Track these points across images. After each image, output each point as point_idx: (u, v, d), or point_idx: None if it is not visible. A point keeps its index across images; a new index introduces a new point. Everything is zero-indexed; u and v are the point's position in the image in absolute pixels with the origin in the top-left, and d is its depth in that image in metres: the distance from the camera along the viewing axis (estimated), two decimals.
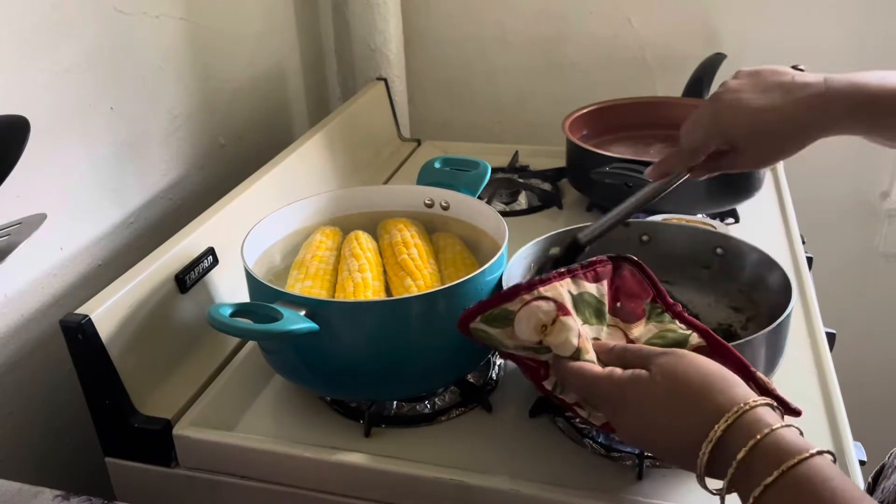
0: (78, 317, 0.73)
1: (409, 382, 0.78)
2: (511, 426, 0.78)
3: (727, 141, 0.72)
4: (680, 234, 0.86)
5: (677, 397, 0.55)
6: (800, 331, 0.90)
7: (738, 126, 0.71)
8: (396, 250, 0.86)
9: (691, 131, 0.75)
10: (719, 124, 0.72)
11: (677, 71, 1.42)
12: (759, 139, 0.70)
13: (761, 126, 0.70)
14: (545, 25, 1.51)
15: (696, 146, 0.74)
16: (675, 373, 0.56)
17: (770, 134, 0.70)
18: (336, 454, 0.74)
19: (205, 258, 0.88)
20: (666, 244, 0.87)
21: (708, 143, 0.73)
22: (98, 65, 0.95)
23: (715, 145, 0.73)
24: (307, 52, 1.50)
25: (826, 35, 1.40)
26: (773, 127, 0.69)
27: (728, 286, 0.85)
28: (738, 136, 0.71)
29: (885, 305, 1.57)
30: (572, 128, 1.24)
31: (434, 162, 0.99)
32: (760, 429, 0.50)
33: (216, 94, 1.20)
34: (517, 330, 0.65)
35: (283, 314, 0.68)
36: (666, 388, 0.55)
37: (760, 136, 0.70)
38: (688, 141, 0.75)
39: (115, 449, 0.80)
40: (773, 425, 0.50)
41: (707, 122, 0.73)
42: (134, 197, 1.03)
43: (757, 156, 0.72)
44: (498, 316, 0.66)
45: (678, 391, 0.55)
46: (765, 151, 0.72)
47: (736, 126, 0.71)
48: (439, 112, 1.65)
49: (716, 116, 0.72)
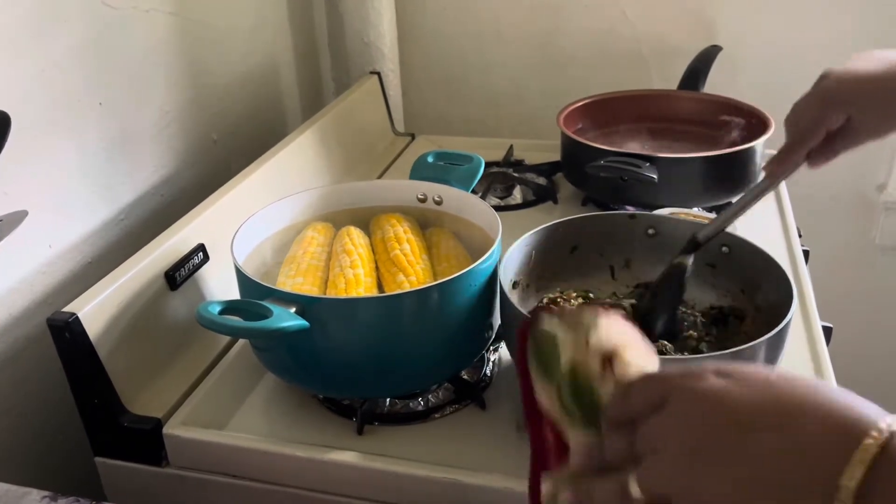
0: (65, 315, 0.73)
1: (402, 380, 0.77)
2: (505, 423, 0.78)
3: (844, 108, 0.69)
4: (686, 230, 0.85)
5: None
6: (796, 325, 0.89)
7: (853, 91, 0.69)
8: (389, 246, 0.85)
9: (802, 112, 0.72)
10: (833, 94, 0.70)
11: (673, 63, 1.41)
12: (875, 101, 0.69)
13: (875, 87, 0.68)
14: (540, 18, 1.50)
15: (811, 126, 0.71)
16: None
17: (885, 96, 0.68)
18: (328, 453, 0.73)
19: (195, 255, 0.87)
20: (672, 239, 0.86)
21: (824, 116, 0.70)
22: (87, 60, 0.94)
23: (833, 119, 0.70)
24: (300, 46, 1.49)
25: (822, 26, 1.39)
26: (887, 89, 0.68)
27: (731, 285, 0.84)
28: (853, 101, 0.69)
29: (881, 299, 1.57)
30: (567, 121, 1.23)
31: (427, 156, 0.98)
32: None
33: (208, 89, 1.19)
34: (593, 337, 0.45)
35: (274, 311, 0.68)
36: None
37: (876, 98, 0.69)
38: (801, 124, 0.72)
39: (104, 448, 0.79)
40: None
41: (819, 97, 0.71)
42: (124, 193, 1.02)
43: (875, 119, 0.70)
44: None
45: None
46: (882, 114, 0.69)
47: (850, 91, 0.69)
48: (433, 106, 1.64)
49: (827, 90, 0.70)
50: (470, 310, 0.76)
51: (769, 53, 1.43)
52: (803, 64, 1.41)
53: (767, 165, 0.76)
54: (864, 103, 0.69)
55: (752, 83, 1.43)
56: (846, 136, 0.71)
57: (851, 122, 0.70)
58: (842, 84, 0.69)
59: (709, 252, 0.85)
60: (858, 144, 0.73)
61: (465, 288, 0.75)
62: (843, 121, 0.70)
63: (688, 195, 1.11)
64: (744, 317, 0.81)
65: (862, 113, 0.69)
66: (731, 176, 1.11)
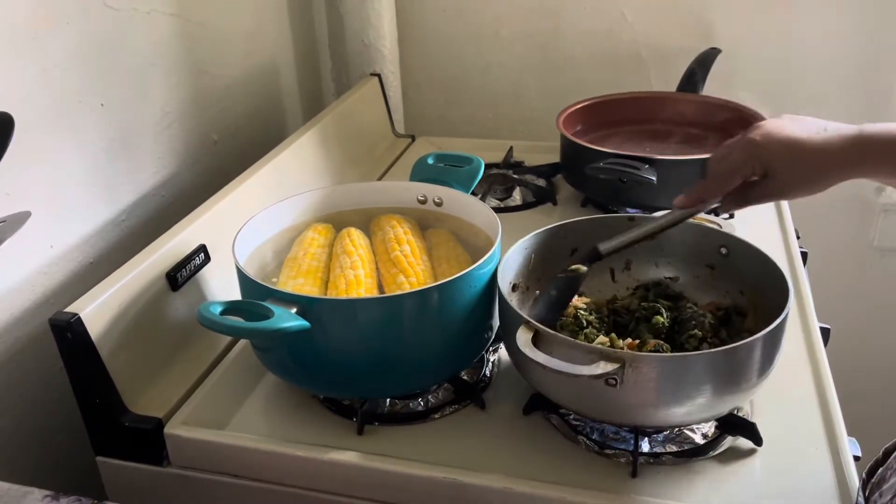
0: (67, 315, 0.73)
1: (402, 380, 0.78)
2: (505, 423, 0.78)
3: (763, 163, 0.72)
4: (686, 232, 0.86)
5: None
6: (794, 326, 0.90)
7: (776, 149, 0.71)
8: (389, 247, 0.85)
9: (726, 156, 0.75)
10: (757, 147, 0.72)
11: (672, 66, 1.41)
12: (794, 164, 0.71)
13: (798, 152, 0.71)
14: (539, 20, 1.51)
15: (729, 171, 0.74)
16: None
17: (806, 162, 0.71)
18: (329, 452, 0.74)
19: (196, 255, 0.88)
20: (672, 240, 0.87)
21: (743, 166, 0.73)
22: (88, 61, 0.94)
23: (750, 169, 0.73)
24: (300, 47, 1.49)
25: (820, 29, 1.40)
26: (808, 156, 0.71)
27: (730, 286, 0.84)
28: (774, 159, 0.72)
29: (879, 300, 1.57)
30: (566, 123, 1.24)
31: (427, 158, 0.98)
32: None
33: (208, 90, 1.19)
34: None
35: (275, 312, 0.68)
36: None
37: (796, 162, 0.71)
38: (723, 165, 0.74)
39: (105, 448, 0.79)
40: None
41: (744, 146, 0.73)
42: (125, 194, 1.02)
43: (789, 182, 0.72)
44: None
45: None
46: (797, 179, 0.72)
47: (774, 149, 0.71)
48: (434, 108, 1.64)
49: (754, 141, 0.72)
50: (470, 311, 0.76)
51: (768, 56, 1.43)
52: (801, 66, 1.42)
53: (679, 199, 0.78)
54: (782, 164, 0.71)
55: (750, 85, 1.43)
56: (760, 189, 0.74)
57: (767, 178, 0.73)
58: (767, 140, 0.72)
59: (708, 253, 0.86)
60: (771, 200, 0.76)
61: (465, 289, 0.75)
62: (759, 174, 0.73)
63: None
64: (745, 316, 0.82)
65: (778, 172, 0.72)
66: None
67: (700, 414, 0.69)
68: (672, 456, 0.73)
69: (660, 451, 0.73)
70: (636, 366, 0.65)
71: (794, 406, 0.78)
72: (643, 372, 0.65)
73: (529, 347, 0.68)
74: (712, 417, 0.73)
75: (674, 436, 0.75)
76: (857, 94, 1.42)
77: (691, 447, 0.73)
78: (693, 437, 0.75)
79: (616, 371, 0.64)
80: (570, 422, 0.76)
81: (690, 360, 0.67)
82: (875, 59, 1.39)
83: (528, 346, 0.68)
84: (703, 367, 0.66)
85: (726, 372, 0.67)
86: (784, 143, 0.71)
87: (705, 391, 0.67)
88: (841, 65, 1.41)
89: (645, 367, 0.65)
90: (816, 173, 0.71)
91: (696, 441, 0.74)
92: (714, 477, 0.70)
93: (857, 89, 1.42)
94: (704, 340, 0.77)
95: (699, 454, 0.73)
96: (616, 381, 0.65)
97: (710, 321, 0.80)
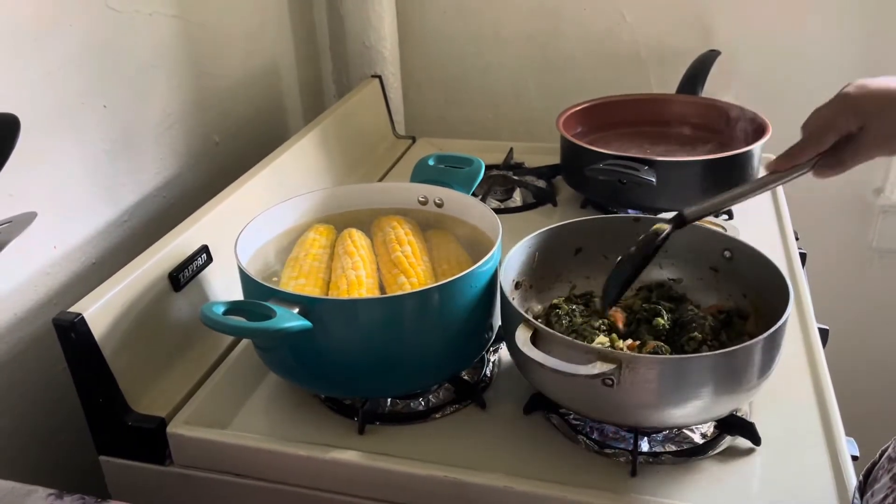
0: (71, 315, 0.73)
1: (403, 380, 0.78)
2: (505, 423, 0.78)
3: (858, 115, 0.70)
4: (690, 234, 0.86)
5: None
6: (793, 327, 0.90)
7: (872, 100, 0.70)
8: (390, 247, 0.86)
9: (817, 115, 0.73)
10: (851, 99, 0.71)
11: (671, 67, 1.42)
12: (889, 110, 0.69)
13: (892, 98, 0.69)
14: (539, 21, 1.51)
15: (823, 128, 0.72)
16: None
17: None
18: (330, 452, 0.74)
19: (199, 256, 0.88)
20: (677, 242, 0.87)
21: (836, 120, 0.71)
22: (90, 62, 0.94)
23: (844, 122, 0.71)
24: (301, 49, 1.50)
25: (819, 30, 1.40)
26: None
27: (733, 289, 0.84)
28: (870, 109, 0.70)
29: (878, 302, 1.57)
30: (566, 125, 1.24)
31: (428, 159, 0.99)
32: None
33: (210, 92, 1.20)
34: None
35: (277, 312, 0.68)
36: None
37: (891, 107, 0.69)
38: (814, 124, 0.73)
39: (108, 447, 0.80)
40: None
41: (836, 102, 0.72)
42: (127, 195, 1.03)
43: (886, 131, 0.70)
44: None
45: None
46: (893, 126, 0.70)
47: (869, 99, 0.70)
48: (434, 109, 1.65)
49: (846, 95, 0.71)
50: (470, 311, 0.77)
51: (767, 58, 1.43)
52: (801, 68, 1.43)
53: (772, 162, 0.76)
54: (879, 113, 0.70)
55: (750, 87, 1.43)
56: (856, 147, 0.72)
57: (863, 133, 0.71)
58: (861, 91, 0.70)
59: (711, 256, 0.86)
60: (867, 157, 0.73)
61: (466, 289, 0.76)
62: (854, 128, 0.71)
63: (686, 198, 1.10)
64: (746, 318, 0.82)
65: (875, 122, 0.70)
66: (728, 179, 1.12)
67: (699, 415, 0.70)
68: (671, 455, 0.73)
69: (659, 450, 0.74)
70: (633, 367, 0.65)
71: (792, 406, 0.79)
72: (640, 373, 0.65)
73: (528, 346, 0.68)
74: (711, 419, 0.73)
75: (673, 435, 0.75)
76: None
77: (690, 447, 0.74)
78: (692, 436, 0.75)
79: (613, 371, 0.65)
80: (570, 421, 0.77)
81: (687, 363, 0.67)
82: (874, 60, 1.40)
83: (526, 345, 0.68)
84: (700, 370, 0.67)
85: (724, 375, 0.67)
86: (880, 92, 0.70)
87: (703, 393, 0.67)
88: (840, 67, 1.41)
89: (642, 369, 0.65)
90: None
91: (695, 441, 0.75)
92: (713, 476, 0.71)
93: None
94: (704, 343, 0.77)
95: (698, 454, 0.73)
96: (613, 382, 0.65)
97: (711, 324, 0.80)
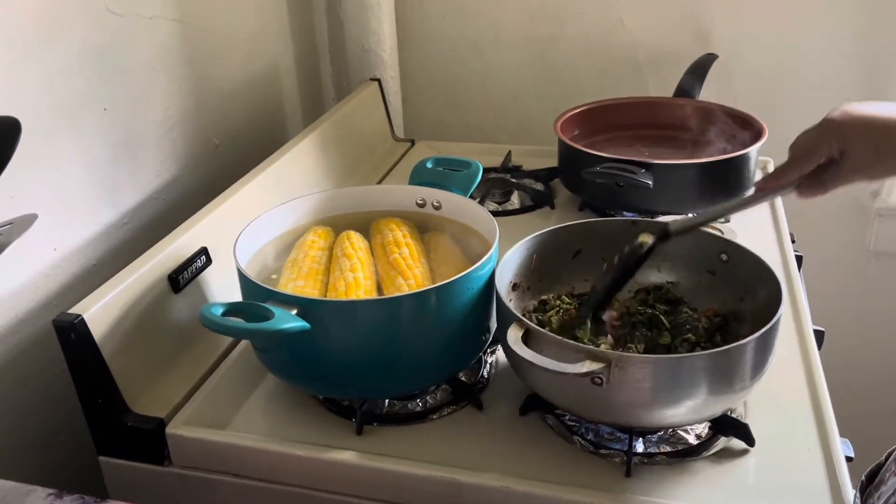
0: (71, 316, 0.74)
1: (401, 381, 0.79)
2: (502, 424, 0.79)
3: (840, 141, 0.72)
4: (688, 237, 0.86)
5: None
6: (789, 329, 0.90)
7: (855, 127, 0.71)
8: (388, 250, 0.86)
9: (802, 139, 0.75)
10: (835, 125, 0.72)
11: (669, 71, 1.42)
12: (874, 142, 0.71)
13: (879, 130, 0.70)
14: (538, 26, 1.52)
15: (806, 150, 0.74)
16: None
17: (886, 140, 0.70)
18: (328, 452, 0.74)
19: (198, 258, 0.89)
20: (673, 245, 0.87)
21: (821, 144, 0.73)
22: (91, 66, 0.95)
23: (827, 148, 0.72)
24: (301, 52, 1.50)
25: (816, 35, 1.41)
26: (884, 128, 0.70)
27: (730, 292, 0.84)
28: (852, 136, 0.71)
29: (874, 304, 1.58)
30: (564, 128, 1.25)
31: (426, 162, 1.00)
32: None
33: (210, 95, 1.20)
34: None
35: (275, 313, 0.69)
36: None
37: (876, 140, 0.70)
38: (799, 147, 0.75)
39: (108, 448, 0.80)
40: None
41: (822, 125, 0.73)
42: (128, 197, 1.04)
43: (867, 161, 0.72)
44: None
45: None
46: (876, 157, 0.71)
47: (852, 126, 0.71)
48: (433, 112, 1.65)
49: (832, 120, 0.73)
50: (467, 313, 0.78)
51: (764, 62, 1.44)
52: (798, 72, 1.44)
53: (759, 182, 0.78)
54: (861, 142, 0.71)
55: (747, 91, 1.44)
56: (837, 171, 0.73)
57: (844, 158, 0.72)
58: (846, 117, 0.72)
59: (709, 259, 0.86)
60: (847, 182, 0.74)
61: (463, 291, 0.76)
62: (836, 153, 0.72)
63: (683, 201, 1.12)
64: (743, 322, 0.82)
65: (856, 150, 0.71)
66: (725, 182, 1.13)
67: (691, 415, 0.70)
68: (666, 456, 0.74)
69: (654, 451, 0.74)
70: (622, 366, 0.66)
71: (787, 407, 0.79)
72: (629, 372, 0.66)
73: (518, 344, 0.69)
74: (703, 419, 0.74)
75: (668, 436, 0.76)
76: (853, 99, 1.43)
77: (685, 447, 0.74)
78: (686, 437, 0.76)
79: (601, 370, 0.65)
80: (565, 422, 0.77)
81: (676, 363, 0.67)
82: (872, 63, 1.40)
83: (517, 343, 0.69)
84: (691, 370, 0.67)
85: (716, 375, 0.68)
86: (864, 120, 0.71)
87: (694, 393, 0.67)
88: (837, 70, 1.42)
89: (631, 368, 0.66)
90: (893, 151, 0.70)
91: (690, 441, 0.75)
92: (707, 477, 0.71)
93: (854, 94, 1.43)
94: (697, 345, 0.78)
95: (692, 454, 0.74)
96: (602, 381, 0.66)
97: (705, 326, 0.80)
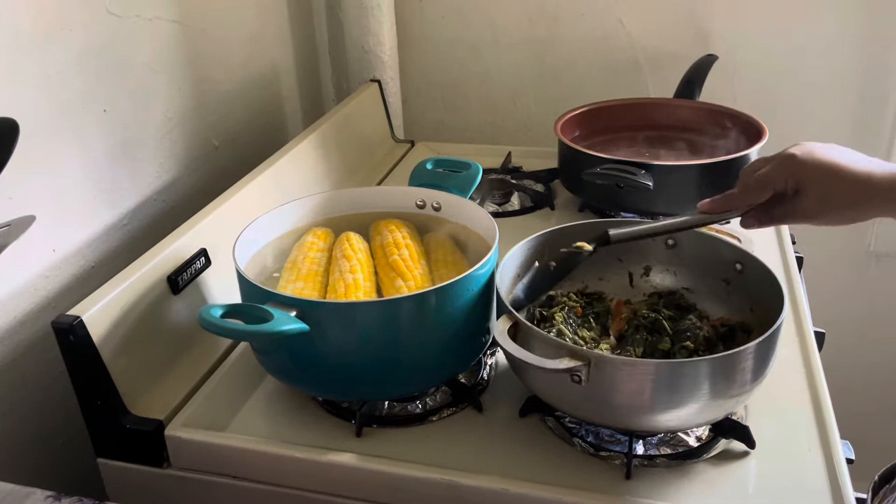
0: (70, 318, 0.74)
1: (401, 382, 0.78)
2: (501, 426, 0.79)
3: (798, 180, 0.70)
4: (704, 244, 0.85)
5: None
6: (789, 331, 0.90)
7: (815, 168, 0.69)
8: (388, 251, 0.86)
9: (758, 167, 0.73)
10: (796, 162, 0.70)
11: (669, 72, 1.43)
12: (831, 187, 0.69)
13: (839, 176, 0.68)
14: (538, 27, 1.52)
15: (765, 181, 0.72)
16: None
17: (845, 188, 0.68)
18: (327, 454, 0.74)
19: (197, 259, 0.89)
20: (690, 251, 0.87)
21: (778, 178, 0.71)
22: (91, 67, 0.95)
23: (783, 183, 0.71)
24: (301, 53, 1.50)
25: (816, 36, 1.41)
26: (849, 182, 0.68)
27: (741, 302, 0.83)
28: (811, 177, 0.69)
29: (875, 305, 1.58)
30: (564, 129, 1.25)
31: (426, 163, 0.99)
32: None
33: (209, 96, 1.20)
34: None
35: (274, 315, 0.69)
36: None
37: (834, 185, 0.69)
38: (756, 177, 0.73)
39: (107, 449, 0.80)
40: None
41: (782, 160, 0.71)
42: (127, 199, 1.03)
43: (821, 205, 0.70)
44: None
45: None
46: (831, 203, 0.70)
47: (813, 167, 0.69)
48: (433, 113, 1.66)
49: (793, 156, 0.71)
50: (467, 314, 0.77)
51: (764, 63, 1.44)
52: (797, 73, 1.44)
53: (705, 203, 0.76)
54: (819, 185, 0.69)
55: (747, 92, 1.44)
56: (787, 208, 0.72)
57: (797, 197, 0.71)
58: (807, 157, 0.70)
59: (724, 268, 0.85)
60: (794, 222, 0.74)
61: (463, 293, 0.76)
62: (791, 190, 0.71)
63: (683, 202, 1.11)
64: (750, 332, 0.81)
65: (812, 192, 0.70)
66: (725, 183, 1.11)
67: (681, 420, 0.70)
68: (666, 458, 0.73)
69: (654, 453, 0.74)
70: (600, 366, 0.66)
71: (787, 410, 0.79)
72: (607, 372, 0.66)
73: (503, 336, 0.69)
74: (696, 425, 0.74)
75: (668, 438, 0.75)
76: (853, 101, 1.43)
77: (685, 450, 0.74)
78: (687, 439, 0.75)
79: (580, 368, 0.65)
80: (565, 424, 0.77)
81: (655, 367, 0.68)
82: (871, 65, 1.40)
83: (502, 335, 0.69)
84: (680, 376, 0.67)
85: (714, 380, 0.67)
86: (825, 163, 0.69)
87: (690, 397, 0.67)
88: (837, 72, 1.42)
89: (608, 368, 0.66)
90: (853, 201, 0.69)
91: (690, 444, 0.75)
92: (707, 479, 0.71)
93: (853, 96, 1.43)
94: (696, 352, 0.77)
95: (693, 457, 0.73)
96: (580, 378, 0.66)
97: (706, 334, 0.79)
